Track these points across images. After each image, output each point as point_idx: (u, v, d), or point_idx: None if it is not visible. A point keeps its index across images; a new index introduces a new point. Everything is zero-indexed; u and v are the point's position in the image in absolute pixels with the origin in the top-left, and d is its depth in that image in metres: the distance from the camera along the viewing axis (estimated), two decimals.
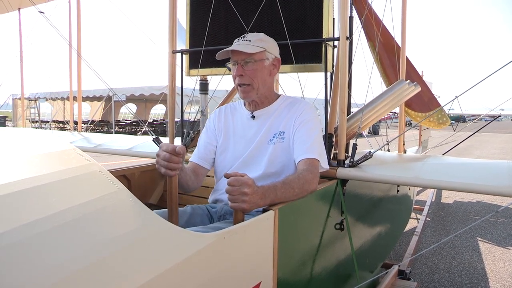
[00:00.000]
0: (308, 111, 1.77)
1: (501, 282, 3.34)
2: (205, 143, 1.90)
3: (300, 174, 1.57)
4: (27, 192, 0.90)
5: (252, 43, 1.74)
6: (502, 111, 19.30)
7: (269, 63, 1.78)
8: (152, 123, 21.62)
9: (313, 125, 1.74)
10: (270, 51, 1.78)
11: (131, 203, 1.02)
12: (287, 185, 1.47)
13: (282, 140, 1.74)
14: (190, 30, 2.59)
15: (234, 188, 1.27)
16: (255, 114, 1.82)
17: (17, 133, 1.52)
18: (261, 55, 1.74)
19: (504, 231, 4.78)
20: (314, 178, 1.61)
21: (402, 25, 3.67)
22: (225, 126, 1.89)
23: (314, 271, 1.73)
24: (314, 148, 1.68)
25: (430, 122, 4.90)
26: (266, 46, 1.76)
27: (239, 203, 1.28)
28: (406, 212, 3.98)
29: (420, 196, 6.45)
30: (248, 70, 1.73)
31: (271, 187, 1.41)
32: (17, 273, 0.72)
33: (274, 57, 1.81)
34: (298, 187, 1.50)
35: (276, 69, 1.83)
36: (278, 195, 1.42)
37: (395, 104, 2.54)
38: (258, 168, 1.73)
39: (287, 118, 1.77)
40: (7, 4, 5.29)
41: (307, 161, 1.65)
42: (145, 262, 0.90)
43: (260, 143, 1.77)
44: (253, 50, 1.71)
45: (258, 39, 1.77)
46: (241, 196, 1.27)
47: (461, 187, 1.80)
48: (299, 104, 1.80)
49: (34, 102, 20.57)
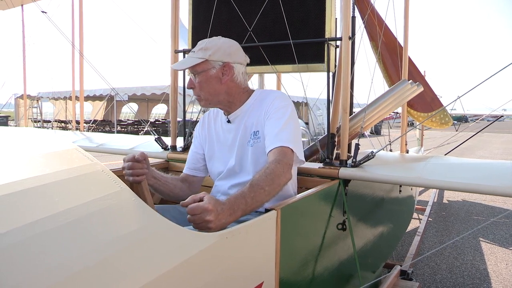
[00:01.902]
0: (277, 100, 1.68)
1: (504, 283, 3.33)
2: (193, 153, 1.92)
3: (267, 169, 1.43)
4: (30, 191, 0.90)
5: (194, 54, 1.66)
6: (504, 111, 19.29)
7: (216, 71, 1.66)
8: (154, 122, 21.64)
9: (282, 113, 1.63)
10: (215, 58, 1.65)
11: (133, 203, 1.02)
12: (256, 186, 1.35)
13: (258, 139, 1.67)
14: (192, 29, 2.59)
15: (195, 218, 1.16)
16: (230, 118, 1.77)
17: (20, 132, 1.52)
18: (203, 66, 1.65)
19: (507, 231, 4.76)
20: (284, 168, 1.47)
21: (405, 25, 3.67)
22: (209, 133, 1.88)
23: (316, 271, 1.73)
24: (283, 135, 1.56)
25: (433, 122, 4.90)
26: (208, 54, 1.64)
27: (206, 230, 1.17)
28: (408, 212, 3.97)
29: (422, 196, 6.44)
30: (196, 83, 1.68)
31: (239, 197, 1.29)
32: (20, 272, 0.72)
33: (222, 64, 1.67)
34: (268, 185, 1.38)
35: (228, 75, 1.68)
36: (248, 202, 1.30)
37: (398, 104, 2.54)
38: (247, 172, 1.68)
39: (258, 115, 1.69)
40: (8, 1, 5.30)
41: (275, 151, 1.53)
42: (148, 262, 0.90)
43: (241, 147, 1.72)
44: (193, 62, 1.65)
45: (202, 48, 1.67)
46: (205, 223, 1.16)
47: (463, 187, 1.80)
48: (268, 96, 1.72)
49: (36, 101, 20.61)
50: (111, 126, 20.98)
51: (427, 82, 4.76)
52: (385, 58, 4.13)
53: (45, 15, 4.01)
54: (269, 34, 2.29)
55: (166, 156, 2.55)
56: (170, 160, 2.53)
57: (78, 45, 4.86)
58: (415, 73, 4.39)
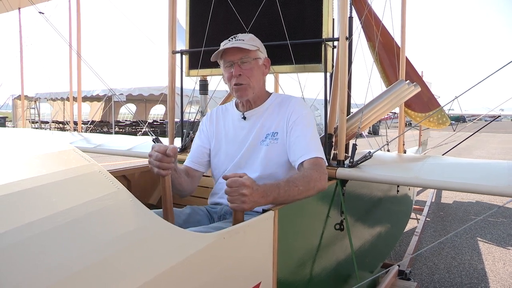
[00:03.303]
0: (300, 108, 1.73)
1: (501, 282, 3.35)
2: (198, 146, 1.91)
3: (305, 172, 1.54)
4: (27, 192, 0.90)
5: (244, 42, 1.70)
6: (502, 111, 19.34)
7: (261, 63, 1.77)
8: (152, 123, 21.61)
9: (307, 122, 1.70)
10: (262, 50, 1.77)
11: (131, 203, 1.02)
12: (291, 183, 1.45)
13: (276, 141, 1.70)
14: (190, 30, 2.59)
15: (232, 189, 1.27)
16: (246, 114, 1.79)
17: (18, 133, 1.52)
18: (256, 54, 1.73)
19: (504, 231, 4.78)
20: (321, 175, 1.57)
21: (402, 25, 3.67)
22: (217, 129, 1.88)
23: (314, 271, 1.73)
24: (312, 146, 1.64)
25: (430, 122, 4.91)
26: (258, 45, 1.75)
27: (239, 204, 1.28)
28: (406, 212, 3.98)
29: (420, 196, 6.46)
30: (245, 69, 1.70)
31: (274, 185, 1.40)
32: (18, 272, 0.72)
33: (265, 57, 1.80)
34: (303, 185, 1.47)
35: (267, 69, 1.81)
36: (281, 193, 1.39)
37: (395, 105, 2.55)
38: (253, 170, 1.70)
39: (279, 118, 1.74)
40: (6, 3, 5.29)
41: (309, 161, 1.61)
42: (145, 262, 0.90)
43: (253, 145, 1.74)
44: (250, 48, 1.69)
45: (250, 38, 1.75)
46: (240, 197, 1.26)
47: (461, 187, 1.80)
48: (289, 102, 1.76)
49: (34, 102, 20.57)
50: (109, 127, 20.95)
51: (424, 82, 4.77)
52: (382, 59, 4.14)
53: (42, 16, 4.01)
54: (266, 34, 2.29)
55: None
56: None
57: (76, 46, 4.85)
58: (412, 73, 4.39)
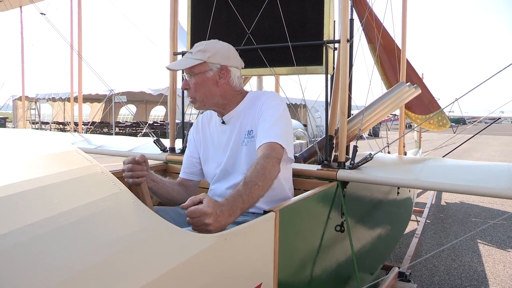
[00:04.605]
0: (270, 100, 1.69)
1: (501, 285, 3.34)
2: (187, 157, 1.93)
3: (257, 165, 1.45)
4: (30, 193, 0.90)
5: (192, 55, 1.66)
6: (502, 113, 19.29)
7: (213, 74, 1.67)
8: (152, 124, 21.62)
9: (274, 111, 1.65)
10: (213, 60, 1.66)
11: (133, 204, 1.03)
12: (250, 183, 1.37)
13: (252, 139, 1.68)
14: (191, 32, 2.59)
15: (194, 221, 1.17)
16: (225, 118, 1.77)
17: (19, 134, 1.52)
18: (201, 68, 1.65)
19: (504, 233, 4.78)
20: (273, 162, 1.48)
21: (403, 27, 3.69)
22: (203, 136, 1.89)
23: (314, 272, 1.73)
24: (273, 131, 1.58)
25: (431, 124, 4.92)
26: (207, 56, 1.65)
27: (205, 233, 1.17)
28: (406, 214, 3.98)
29: (420, 198, 6.45)
30: (192, 84, 1.68)
31: (236, 196, 1.31)
32: (21, 273, 0.73)
33: (220, 66, 1.68)
34: (261, 180, 1.40)
35: (225, 78, 1.69)
36: (245, 199, 1.32)
37: (396, 107, 2.55)
38: (240, 172, 1.67)
39: (252, 115, 1.71)
40: (7, 2, 5.30)
41: (264, 146, 1.55)
42: (147, 263, 0.90)
43: (235, 148, 1.73)
44: (191, 63, 1.64)
45: (200, 49, 1.67)
46: (204, 226, 1.17)
47: (461, 189, 1.81)
48: (262, 96, 1.74)
49: (34, 103, 20.58)
50: (109, 128, 20.95)
51: (424, 84, 4.78)
52: (383, 61, 4.15)
53: (43, 17, 4.02)
54: (268, 36, 2.30)
55: (165, 158, 2.56)
56: (169, 162, 2.53)
57: (77, 46, 4.86)
58: (413, 75, 4.40)
